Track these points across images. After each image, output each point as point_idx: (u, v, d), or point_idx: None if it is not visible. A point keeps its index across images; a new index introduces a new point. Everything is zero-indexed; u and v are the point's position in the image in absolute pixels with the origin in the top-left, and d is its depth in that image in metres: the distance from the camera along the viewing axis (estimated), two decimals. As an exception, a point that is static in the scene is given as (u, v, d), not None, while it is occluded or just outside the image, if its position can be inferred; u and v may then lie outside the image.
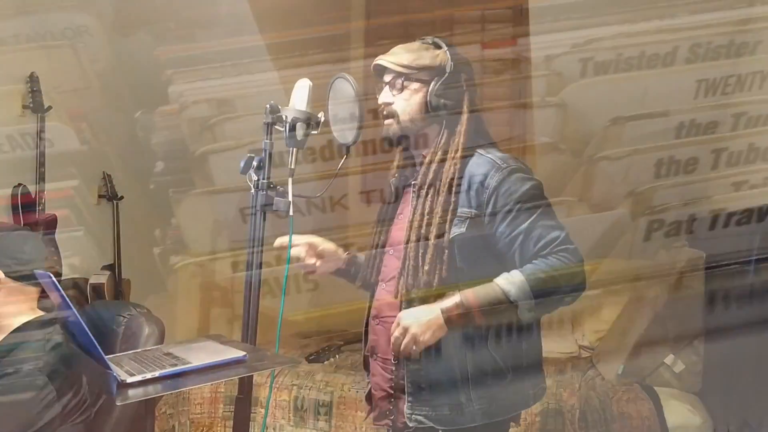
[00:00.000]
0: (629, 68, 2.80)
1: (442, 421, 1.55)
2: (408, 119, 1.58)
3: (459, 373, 1.54)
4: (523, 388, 1.59)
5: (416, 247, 1.54)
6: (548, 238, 1.47)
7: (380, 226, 1.71)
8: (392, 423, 1.64)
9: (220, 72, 3.12)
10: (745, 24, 2.67)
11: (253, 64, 3.04)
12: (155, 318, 1.81)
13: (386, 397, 1.64)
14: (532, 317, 1.50)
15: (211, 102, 3.25)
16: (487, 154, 1.56)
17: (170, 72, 3.06)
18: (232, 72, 3.10)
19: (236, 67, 3.08)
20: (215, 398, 2.79)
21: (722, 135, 2.74)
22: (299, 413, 2.69)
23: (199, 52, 2.99)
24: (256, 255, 1.49)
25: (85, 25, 3.00)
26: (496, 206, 1.50)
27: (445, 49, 1.58)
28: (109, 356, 1.32)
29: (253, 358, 1.32)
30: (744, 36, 2.69)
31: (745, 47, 2.70)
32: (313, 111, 1.54)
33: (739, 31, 2.69)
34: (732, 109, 2.73)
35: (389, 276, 1.63)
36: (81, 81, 3.05)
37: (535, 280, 1.45)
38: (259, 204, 1.50)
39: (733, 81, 2.73)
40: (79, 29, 2.99)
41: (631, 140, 3.01)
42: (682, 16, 2.72)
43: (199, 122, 3.27)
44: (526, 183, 1.52)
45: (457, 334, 1.52)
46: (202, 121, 3.27)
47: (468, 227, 1.52)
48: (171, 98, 3.15)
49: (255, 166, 1.52)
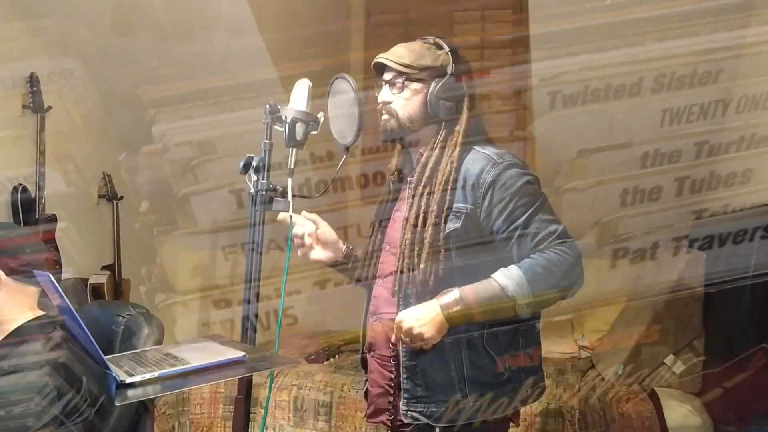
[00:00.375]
0: (596, 99, 2.84)
1: (438, 418, 1.55)
2: (407, 118, 1.58)
3: (455, 371, 1.54)
4: (520, 386, 1.58)
5: (412, 243, 1.54)
6: (545, 232, 1.47)
7: (378, 223, 1.72)
8: (390, 420, 1.63)
9: (203, 111, 3.16)
10: (706, 54, 2.73)
11: (235, 102, 3.07)
12: (154, 318, 1.81)
13: (383, 394, 1.64)
14: (530, 312, 1.50)
15: (192, 143, 3.27)
16: (483, 150, 1.56)
17: (153, 112, 3.08)
18: (214, 111, 3.14)
19: (218, 105, 3.12)
20: (215, 398, 2.79)
21: (685, 164, 2.81)
22: (299, 413, 2.69)
23: (183, 90, 3.01)
24: (256, 255, 1.49)
25: (70, 68, 3.05)
26: (492, 201, 1.50)
27: (447, 50, 1.58)
28: (109, 356, 1.32)
29: (253, 358, 1.32)
30: (706, 65, 2.75)
31: (708, 76, 2.76)
32: (312, 111, 1.54)
33: (702, 61, 2.75)
34: (694, 138, 2.81)
35: (386, 273, 1.63)
36: (66, 123, 3.09)
37: (533, 274, 1.45)
38: (258, 204, 1.50)
39: (697, 110, 2.79)
40: (64, 73, 3.04)
41: (597, 171, 3.08)
42: (649, 44, 2.77)
43: (180, 164, 3.31)
44: (522, 178, 1.51)
45: (453, 330, 1.52)
46: (184, 162, 3.31)
47: (463, 223, 1.52)
48: (155, 138, 3.19)
49: (254, 166, 1.52)
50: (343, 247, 1.72)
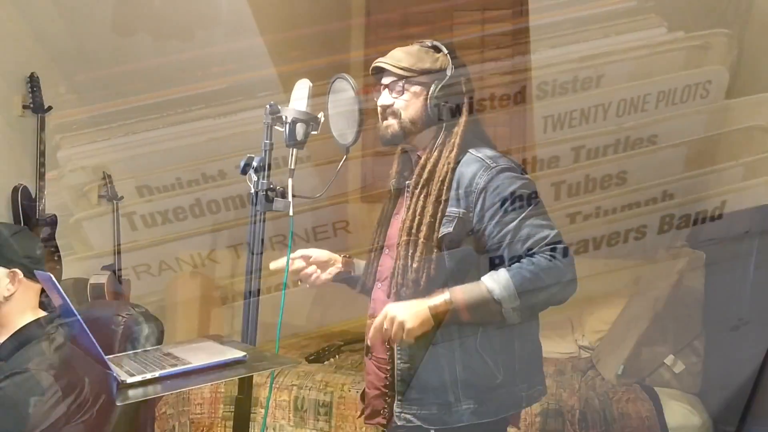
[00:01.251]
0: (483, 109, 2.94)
1: (430, 420, 1.55)
2: (408, 121, 1.58)
3: (448, 373, 1.54)
4: (515, 389, 1.58)
5: (407, 246, 1.54)
6: (536, 237, 1.46)
7: (379, 227, 1.72)
8: (385, 422, 1.63)
9: (108, 133, 3.16)
10: (584, 61, 2.79)
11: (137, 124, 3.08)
12: (154, 318, 1.81)
13: (379, 395, 1.64)
14: (517, 317, 1.47)
15: (86, 169, 3.26)
16: (477, 153, 1.56)
17: (59, 137, 3.07)
18: (118, 133, 3.15)
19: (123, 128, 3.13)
20: (215, 398, 2.79)
21: (563, 168, 2.85)
22: (299, 413, 2.69)
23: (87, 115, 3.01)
24: (256, 256, 1.49)
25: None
26: (484, 206, 1.50)
27: (445, 52, 1.58)
28: (109, 356, 1.32)
29: (253, 358, 1.33)
30: (587, 71, 2.80)
31: (589, 81, 2.82)
32: (312, 111, 1.54)
33: (581, 68, 2.80)
34: (572, 143, 2.87)
35: (384, 276, 1.64)
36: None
37: (520, 279, 1.44)
38: (259, 204, 1.50)
39: (578, 115, 2.86)
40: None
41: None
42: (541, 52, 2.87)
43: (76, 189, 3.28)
44: (515, 182, 1.51)
45: (447, 333, 1.52)
46: (78, 187, 3.28)
47: (456, 227, 1.52)
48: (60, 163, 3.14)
49: (254, 166, 1.52)
50: (340, 259, 1.73)
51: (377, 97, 1.62)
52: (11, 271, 1.57)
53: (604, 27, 2.68)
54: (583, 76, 2.82)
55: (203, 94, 3.01)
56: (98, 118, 3.10)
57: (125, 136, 3.17)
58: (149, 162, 3.24)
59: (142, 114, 3.05)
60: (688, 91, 2.72)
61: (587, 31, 2.69)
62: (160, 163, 3.18)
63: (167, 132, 3.06)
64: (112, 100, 3.25)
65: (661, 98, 2.75)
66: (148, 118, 3.03)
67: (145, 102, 2.98)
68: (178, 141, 3.11)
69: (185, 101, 3.02)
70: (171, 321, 3.42)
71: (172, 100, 3.01)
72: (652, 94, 2.76)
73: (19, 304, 1.59)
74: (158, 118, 3.01)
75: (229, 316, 3.63)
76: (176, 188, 3.14)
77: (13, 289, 1.57)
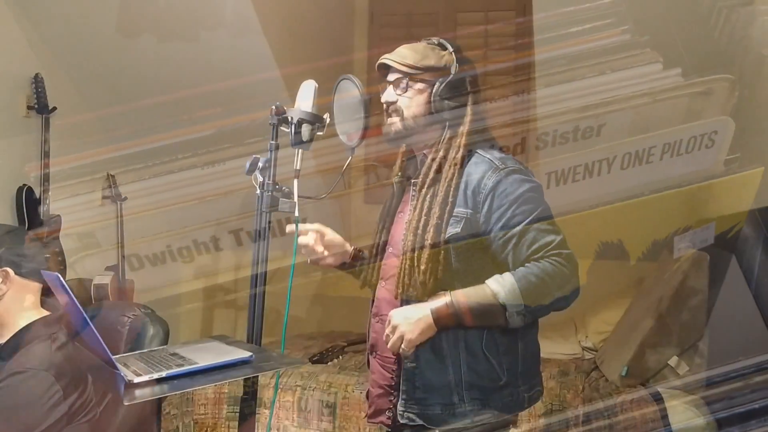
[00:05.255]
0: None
1: (433, 420, 1.55)
2: (411, 119, 1.58)
3: (453, 374, 1.54)
4: (517, 390, 1.58)
5: (413, 246, 1.54)
6: (542, 242, 1.46)
7: (382, 224, 1.72)
8: (389, 422, 1.64)
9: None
10: (584, 110, 2.78)
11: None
12: (159, 318, 1.82)
13: (384, 394, 1.64)
14: (521, 321, 1.47)
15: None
16: (486, 154, 1.56)
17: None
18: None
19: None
20: (219, 399, 2.79)
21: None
22: (303, 414, 2.69)
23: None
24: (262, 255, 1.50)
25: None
26: (491, 207, 1.50)
27: (450, 50, 1.58)
28: (116, 356, 1.33)
29: (259, 358, 1.33)
30: (588, 121, 2.81)
31: (590, 131, 2.83)
32: (318, 112, 1.55)
33: (582, 117, 2.81)
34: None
35: (389, 274, 1.63)
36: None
37: (526, 283, 1.44)
38: (264, 205, 1.51)
39: (581, 170, 2.89)
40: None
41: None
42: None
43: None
44: (523, 185, 1.51)
45: (452, 334, 1.52)
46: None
47: (463, 228, 1.52)
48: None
49: (260, 167, 1.52)
50: (350, 249, 1.73)
51: (382, 95, 1.62)
52: (2, 270, 1.57)
53: (600, 63, 2.64)
54: (584, 125, 2.80)
55: (204, 94, 3.02)
56: (104, 118, 3.11)
57: (129, 136, 3.15)
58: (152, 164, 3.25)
59: (147, 116, 3.04)
60: (693, 142, 2.70)
61: (582, 68, 2.65)
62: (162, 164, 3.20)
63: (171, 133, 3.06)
64: (116, 100, 3.26)
65: (666, 150, 2.74)
66: (154, 123, 3.02)
67: (149, 104, 2.98)
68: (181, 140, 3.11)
69: (188, 102, 3.02)
70: (175, 321, 3.42)
71: (176, 101, 3.01)
72: (658, 146, 2.75)
73: (15, 304, 1.58)
74: (164, 120, 3.00)
75: (233, 316, 3.63)
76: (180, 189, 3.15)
77: (5, 288, 1.56)
